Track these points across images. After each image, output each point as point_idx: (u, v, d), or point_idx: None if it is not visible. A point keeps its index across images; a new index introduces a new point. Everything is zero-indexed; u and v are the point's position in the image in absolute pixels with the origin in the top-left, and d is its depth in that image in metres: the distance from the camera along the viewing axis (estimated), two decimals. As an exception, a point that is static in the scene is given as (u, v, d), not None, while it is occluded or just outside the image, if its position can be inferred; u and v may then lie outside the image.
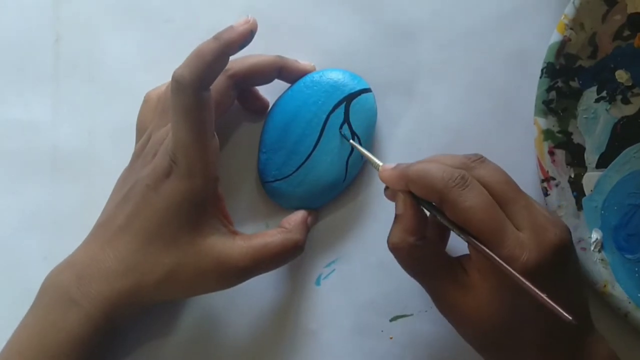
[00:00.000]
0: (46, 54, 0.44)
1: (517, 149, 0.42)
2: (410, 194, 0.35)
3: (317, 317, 0.41)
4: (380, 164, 0.38)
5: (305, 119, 0.41)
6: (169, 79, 0.35)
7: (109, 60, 0.44)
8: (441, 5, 0.43)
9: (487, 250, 0.32)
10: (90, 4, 0.44)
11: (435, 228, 0.38)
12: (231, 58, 0.36)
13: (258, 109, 0.43)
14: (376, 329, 0.41)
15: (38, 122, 0.43)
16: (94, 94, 0.44)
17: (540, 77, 0.40)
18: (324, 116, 0.40)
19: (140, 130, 0.40)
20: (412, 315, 0.41)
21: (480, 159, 0.35)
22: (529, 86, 0.41)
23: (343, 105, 0.41)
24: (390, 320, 0.41)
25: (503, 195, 0.34)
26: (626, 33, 0.40)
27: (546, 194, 0.40)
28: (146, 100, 0.41)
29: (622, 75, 0.41)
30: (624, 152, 0.41)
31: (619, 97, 0.41)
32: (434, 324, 0.41)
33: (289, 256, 0.38)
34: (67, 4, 0.44)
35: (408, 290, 0.41)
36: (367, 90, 0.41)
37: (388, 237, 0.36)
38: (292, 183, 0.41)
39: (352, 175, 0.41)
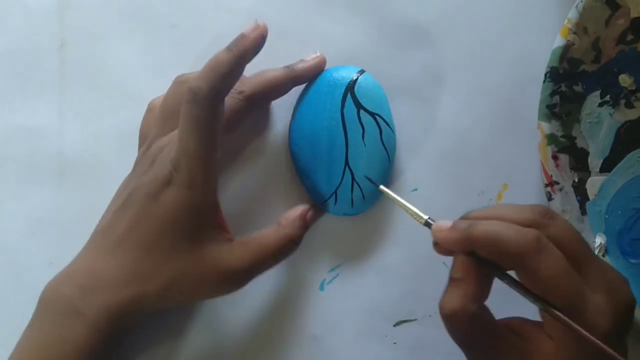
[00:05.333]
0: (51, 60, 0.44)
1: (520, 154, 0.42)
2: (472, 255, 0.32)
3: (320, 322, 0.41)
4: (425, 217, 0.34)
5: (324, 127, 0.41)
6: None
7: (114, 66, 0.44)
8: (446, 10, 0.43)
9: (572, 323, 0.30)
10: (95, 9, 0.44)
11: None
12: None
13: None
14: (380, 333, 0.41)
15: (43, 128, 0.43)
16: (100, 100, 0.44)
17: (544, 82, 0.40)
18: (338, 115, 0.41)
19: (143, 138, 0.40)
20: (416, 320, 0.41)
21: (549, 214, 0.32)
22: (533, 90, 0.41)
23: (349, 96, 0.41)
24: (394, 325, 0.41)
25: (576, 256, 0.31)
26: (629, 37, 0.40)
27: (550, 199, 0.40)
28: (150, 109, 0.41)
29: (625, 80, 0.41)
30: (628, 156, 0.41)
31: (623, 101, 0.41)
32: (438, 328, 0.40)
33: (285, 253, 0.38)
34: (71, 10, 0.44)
35: (412, 295, 0.42)
36: (362, 72, 0.41)
37: (441, 303, 0.32)
38: (346, 188, 0.41)
39: (392, 150, 0.42)
